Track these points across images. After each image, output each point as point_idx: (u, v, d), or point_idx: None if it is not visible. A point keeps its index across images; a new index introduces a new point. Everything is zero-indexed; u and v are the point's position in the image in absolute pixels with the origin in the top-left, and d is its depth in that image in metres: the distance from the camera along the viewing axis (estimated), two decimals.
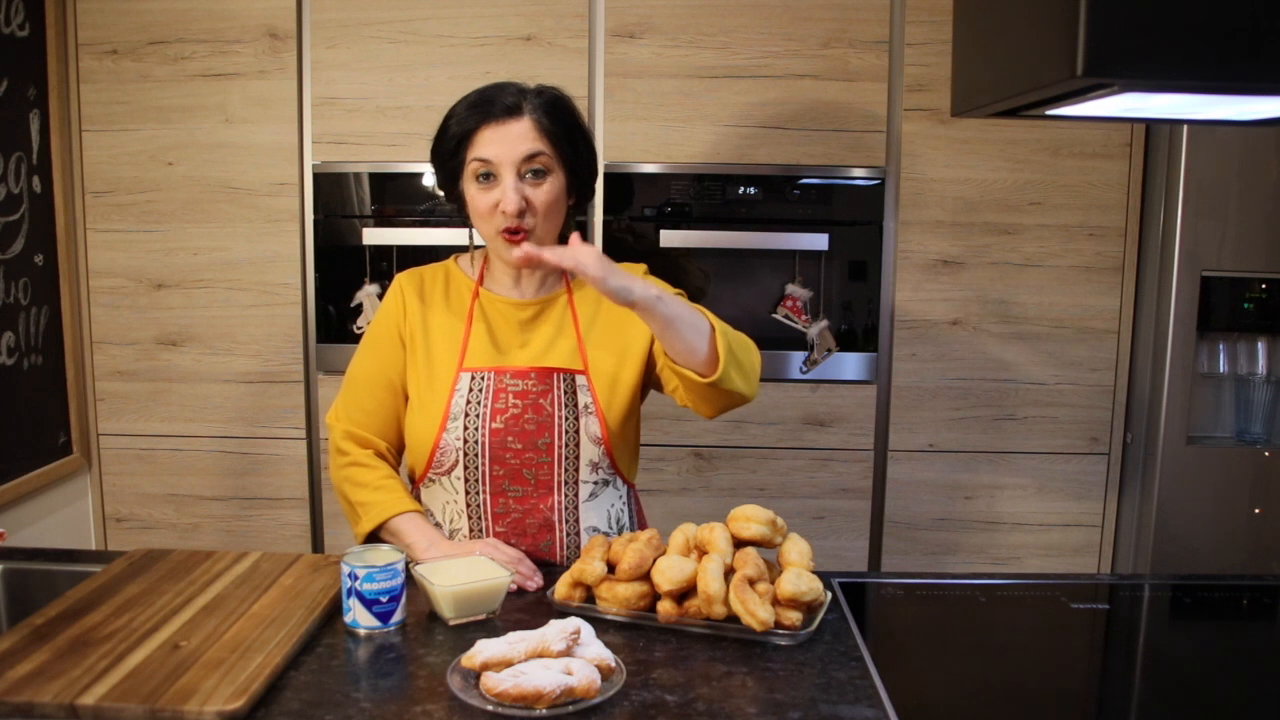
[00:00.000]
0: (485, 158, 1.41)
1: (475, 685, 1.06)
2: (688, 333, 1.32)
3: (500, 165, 1.40)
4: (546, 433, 1.45)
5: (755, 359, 1.45)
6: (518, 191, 1.40)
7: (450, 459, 1.46)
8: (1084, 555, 2.44)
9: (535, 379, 1.47)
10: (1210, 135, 2.18)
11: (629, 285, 1.26)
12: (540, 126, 1.41)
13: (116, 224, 2.41)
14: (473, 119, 1.42)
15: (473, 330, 1.50)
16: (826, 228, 2.32)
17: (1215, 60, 0.99)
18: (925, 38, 2.29)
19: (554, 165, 1.43)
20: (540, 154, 1.41)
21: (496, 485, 1.46)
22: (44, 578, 1.43)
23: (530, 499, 1.47)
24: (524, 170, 1.41)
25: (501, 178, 1.41)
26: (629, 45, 2.31)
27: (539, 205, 1.42)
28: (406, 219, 2.36)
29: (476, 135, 1.42)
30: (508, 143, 1.40)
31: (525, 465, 1.46)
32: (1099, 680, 1.26)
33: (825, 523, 2.41)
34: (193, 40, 2.35)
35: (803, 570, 1.24)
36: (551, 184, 1.43)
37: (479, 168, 1.42)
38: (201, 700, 1.00)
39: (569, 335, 1.51)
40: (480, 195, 1.43)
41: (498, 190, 1.41)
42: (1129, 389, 2.39)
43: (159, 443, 2.47)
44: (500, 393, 1.46)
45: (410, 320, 1.52)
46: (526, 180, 1.42)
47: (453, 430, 1.45)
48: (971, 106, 1.29)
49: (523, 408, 1.45)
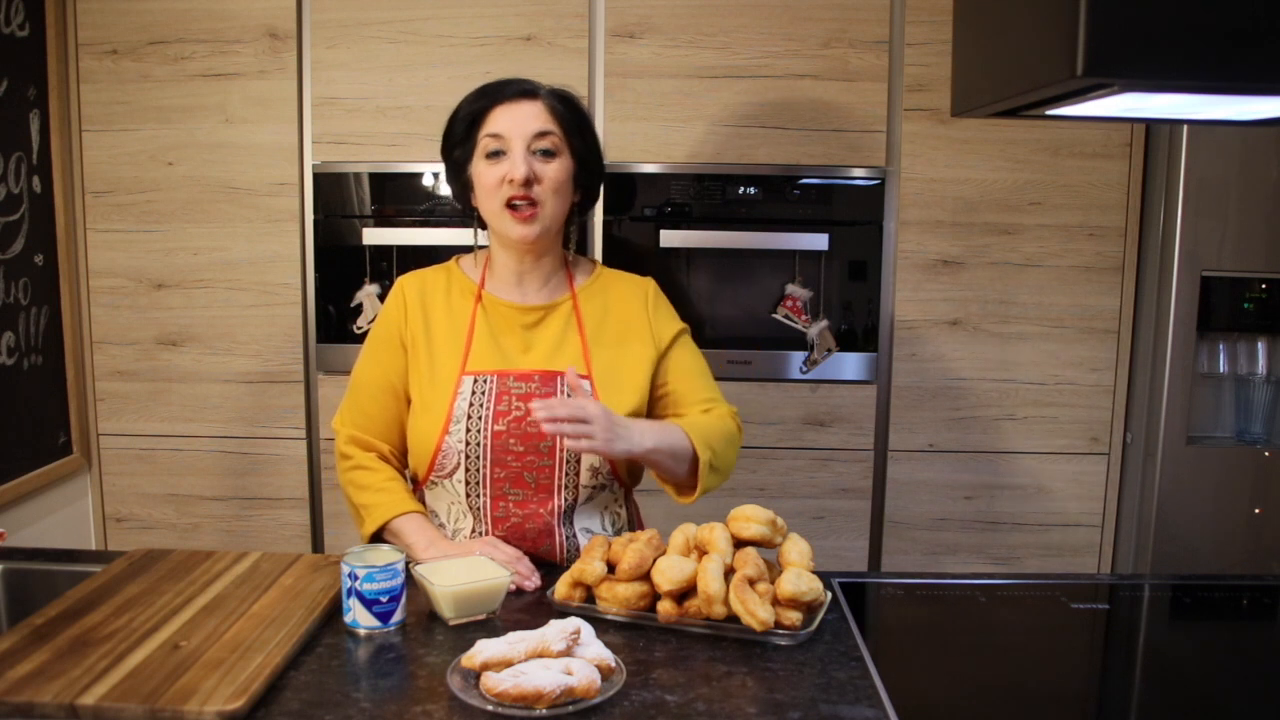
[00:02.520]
0: (496, 132, 1.44)
1: (475, 685, 1.06)
2: (672, 464, 1.43)
3: (511, 139, 1.43)
4: (549, 435, 1.44)
5: (734, 454, 1.52)
6: (527, 162, 1.42)
7: (452, 462, 1.46)
8: (1084, 555, 2.44)
9: (539, 382, 1.47)
10: (1210, 135, 2.18)
11: (630, 446, 1.36)
12: (553, 110, 1.45)
13: (116, 224, 2.41)
14: (485, 100, 1.45)
15: (475, 333, 1.50)
16: (826, 228, 2.32)
17: (1215, 60, 0.99)
18: (925, 38, 2.29)
19: (563, 148, 1.46)
20: (550, 133, 1.44)
21: (497, 488, 1.46)
22: (44, 578, 1.43)
23: (530, 503, 1.46)
24: (534, 147, 1.44)
25: (511, 150, 1.43)
26: (629, 45, 2.31)
27: (547, 180, 1.44)
28: (406, 219, 2.36)
29: (489, 114, 1.45)
30: (519, 119, 1.43)
31: (526, 468, 1.45)
32: (1099, 680, 1.26)
33: (825, 523, 2.41)
34: (193, 40, 2.35)
35: (803, 570, 1.24)
36: (560, 165, 1.45)
37: (490, 144, 1.44)
38: (201, 700, 1.00)
39: (573, 339, 1.51)
40: (488, 170, 1.44)
41: (506, 163, 1.43)
42: (1129, 389, 2.39)
43: (159, 443, 2.47)
44: (503, 395, 1.46)
45: (411, 324, 1.52)
46: (536, 156, 1.44)
47: (455, 433, 1.45)
48: (971, 106, 1.29)
49: (525, 410, 1.44)
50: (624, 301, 1.56)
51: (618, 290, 1.57)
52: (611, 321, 1.54)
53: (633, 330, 1.54)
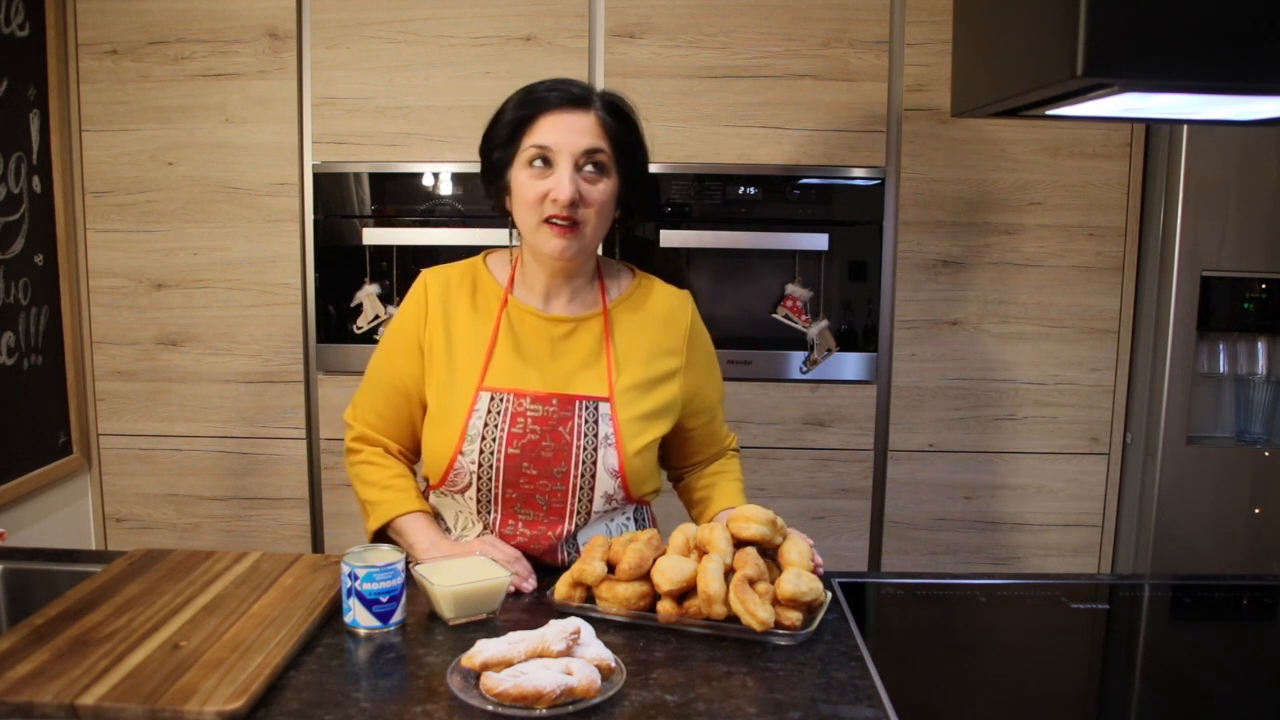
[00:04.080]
0: (544, 144, 1.35)
1: (475, 685, 1.06)
2: None
3: (559, 153, 1.34)
4: (563, 461, 1.40)
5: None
6: (573, 182, 1.34)
7: (464, 480, 1.42)
8: (1084, 555, 2.44)
9: (557, 405, 1.40)
10: (1210, 135, 2.18)
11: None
12: (605, 125, 1.37)
13: (116, 224, 2.41)
14: (534, 104, 1.36)
15: (498, 344, 1.43)
16: (826, 228, 2.32)
17: (1215, 60, 0.99)
18: (925, 38, 2.29)
19: (611, 167, 1.38)
20: (601, 151, 1.36)
21: (509, 507, 1.43)
22: (44, 578, 1.43)
23: (540, 524, 1.44)
24: (582, 163, 1.35)
25: (557, 166, 1.34)
26: (629, 45, 2.31)
27: (594, 200, 1.36)
28: (406, 219, 2.36)
29: (537, 121, 1.35)
30: (571, 132, 1.34)
31: (539, 491, 1.41)
32: (1099, 680, 1.26)
33: (825, 523, 2.41)
34: (193, 40, 2.35)
35: (803, 570, 1.24)
36: (607, 185, 1.37)
37: (535, 154, 1.35)
38: (201, 700, 1.00)
39: (599, 360, 1.44)
40: (531, 182, 1.36)
41: (552, 179, 1.34)
42: (1129, 389, 2.39)
43: (159, 443, 2.47)
44: (518, 416, 1.40)
45: (431, 327, 1.45)
46: (584, 173, 1.36)
47: (468, 453, 1.40)
48: (971, 106, 1.29)
49: (540, 434, 1.39)
50: (662, 320, 1.49)
51: (656, 308, 1.49)
52: (645, 339, 1.46)
53: (667, 359, 1.47)
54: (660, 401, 1.46)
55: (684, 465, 1.60)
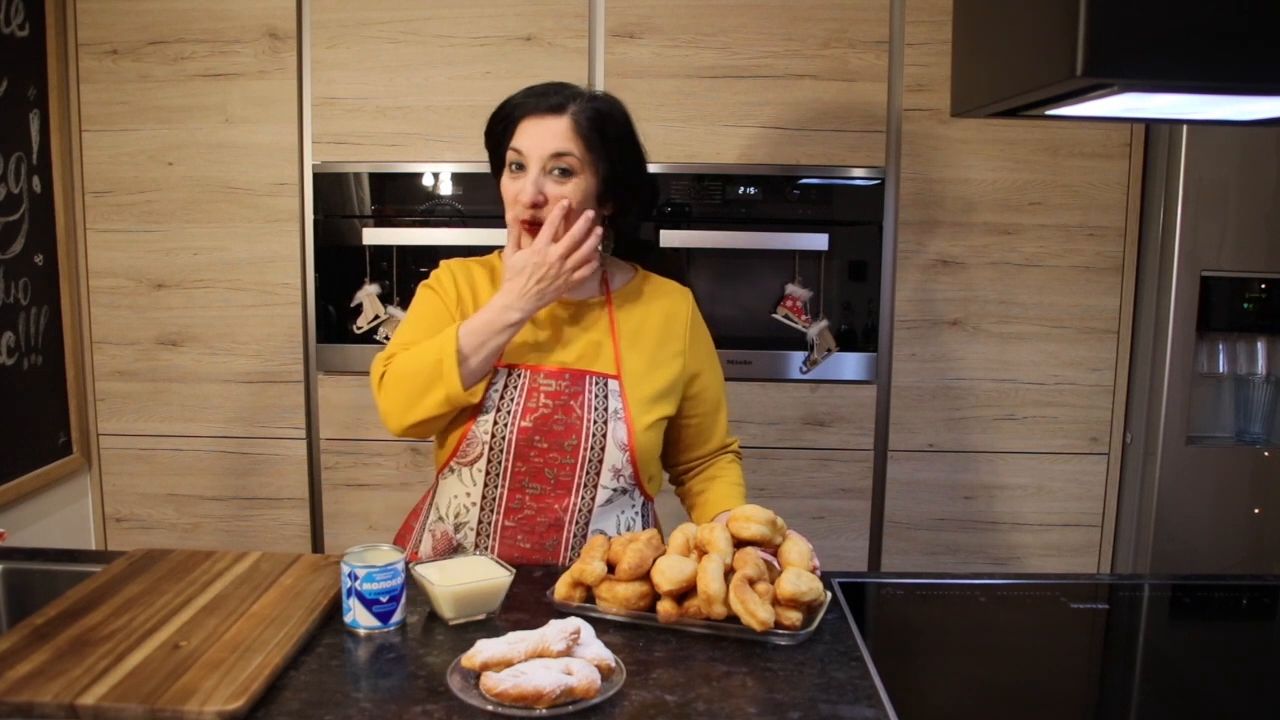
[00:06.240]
0: (517, 148, 1.45)
1: (475, 685, 1.06)
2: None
3: (529, 157, 1.44)
4: (574, 434, 1.45)
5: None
6: (536, 184, 1.43)
7: (475, 451, 1.47)
8: (1084, 555, 2.44)
9: (569, 380, 1.47)
10: (1210, 135, 2.18)
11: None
12: (577, 128, 1.43)
13: (116, 224, 2.41)
14: (517, 110, 1.46)
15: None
16: (826, 228, 2.32)
17: (1215, 60, 0.99)
18: (925, 38, 2.29)
19: (582, 168, 1.44)
20: (568, 154, 1.43)
21: (516, 481, 1.47)
22: (44, 578, 1.43)
23: (546, 498, 1.47)
24: (550, 167, 1.43)
25: (529, 169, 1.44)
26: (629, 45, 2.31)
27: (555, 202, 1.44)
28: (406, 219, 2.36)
29: (518, 126, 1.45)
30: (540, 138, 1.43)
31: (548, 465, 1.46)
32: (1099, 680, 1.26)
33: (825, 523, 2.41)
34: (193, 40, 2.35)
35: (803, 570, 1.24)
36: (576, 185, 1.44)
37: (513, 157, 1.46)
38: (201, 700, 1.00)
39: (606, 343, 1.51)
40: (508, 184, 1.47)
41: (524, 180, 1.44)
42: (1129, 389, 2.39)
43: (159, 443, 2.47)
44: (533, 391, 1.46)
45: (461, 297, 1.52)
46: (552, 176, 1.44)
47: (482, 424, 1.45)
48: (971, 106, 1.29)
49: (553, 408, 1.45)
50: (664, 313, 1.56)
51: (658, 301, 1.57)
52: (649, 330, 1.54)
53: (669, 344, 1.54)
54: (665, 382, 1.52)
55: (685, 461, 1.63)
